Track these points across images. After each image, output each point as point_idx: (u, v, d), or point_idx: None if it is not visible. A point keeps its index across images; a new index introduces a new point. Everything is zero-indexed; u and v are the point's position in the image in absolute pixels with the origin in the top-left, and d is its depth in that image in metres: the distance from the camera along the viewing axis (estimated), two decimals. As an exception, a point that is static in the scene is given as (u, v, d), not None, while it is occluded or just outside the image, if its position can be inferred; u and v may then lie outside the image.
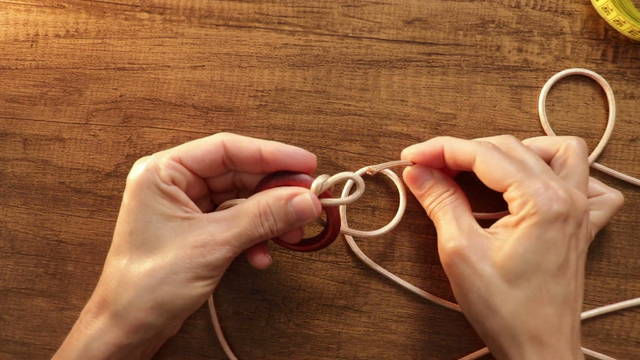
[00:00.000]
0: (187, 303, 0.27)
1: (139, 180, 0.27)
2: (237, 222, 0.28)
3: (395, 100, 0.35)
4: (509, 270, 0.27)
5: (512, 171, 0.28)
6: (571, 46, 0.35)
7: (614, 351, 0.34)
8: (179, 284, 0.27)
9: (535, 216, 0.26)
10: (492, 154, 0.28)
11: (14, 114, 0.37)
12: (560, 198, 0.27)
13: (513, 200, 0.28)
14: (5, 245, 0.37)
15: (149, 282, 0.26)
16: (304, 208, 0.28)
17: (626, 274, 0.34)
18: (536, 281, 0.27)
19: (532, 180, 0.27)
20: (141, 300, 0.26)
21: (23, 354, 0.36)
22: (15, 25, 0.37)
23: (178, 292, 0.27)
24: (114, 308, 0.27)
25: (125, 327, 0.27)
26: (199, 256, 0.27)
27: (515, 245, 0.27)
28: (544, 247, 0.27)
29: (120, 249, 0.28)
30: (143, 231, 0.27)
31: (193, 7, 0.36)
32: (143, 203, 0.27)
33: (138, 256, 0.27)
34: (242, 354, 0.35)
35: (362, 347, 0.35)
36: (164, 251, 0.27)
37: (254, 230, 0.28)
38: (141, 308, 0.26)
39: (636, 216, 0.34)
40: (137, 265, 0.27)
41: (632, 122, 0.34)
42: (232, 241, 0.27)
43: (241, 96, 0.36)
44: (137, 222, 0.27)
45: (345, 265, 0.35)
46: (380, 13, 0.35)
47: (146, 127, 0.36)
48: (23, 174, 0.37)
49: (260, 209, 0.28)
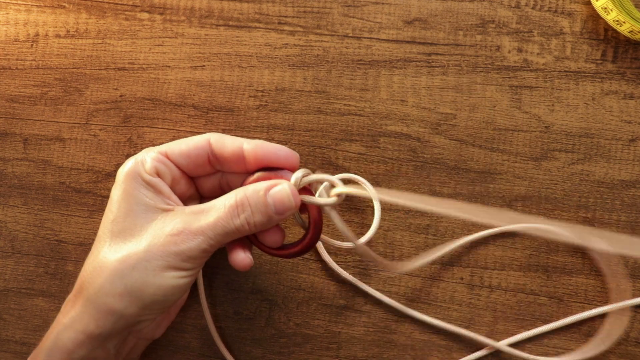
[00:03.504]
0: (158, 292, 0.27)
1: (126, 172, 0.28)
2: (213, 212, 0.27)
3: (395, 100, 0.35)
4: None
5: None
6: (571, 46, 0.35)
7: (614, 351, 0.34)
8: (150, 271, 0.26)
9: None
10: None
11: (14, 114, 0.37)
12: None
13: None
14: (6, 245, 0.37)
15: (120, 267, 0.26)
16: (282, 198, 0.27)
17: (626, 274, 0.34)
18: None
19: None
20: (111, 285, 0.26)
21: (23, 354, 0.36)
22: (16, 25, 0.37)
23: (148, 280, 0.26)
24: (86, 294, 0.27)
25: (95, 314, 0.26)
26: (171, 244, 0.26)
27: None
28: None
29: (101, 236, 0.28)
30: (123, 219, 0.27)
31: (193, 7, 0.36)
32: (126, 192, 0.28)
33: (115, 243, 0.27)
34: (242, 354, 0.35)
35: (362, 347, 0.35)
36: (140, 239, 0.27)
37: (229, 222, 0.27)
38: (110, 293, 0.26)
39: (636, 216, 0.34)
40: (113, 251, 0.27)
41: (632, 122, 0.34)
42: (207, 231, 0.27)
43: (241, 96, 0.36)
44: (119, 210, 0.27)
45: (345, 265, 0.35)
46: (380, 13, 0.35)
47: (146, 127, 0.36)
48: (23, 174, 0.37)
49: (237, 199, 0.27)
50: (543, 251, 0.34)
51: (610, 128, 0.34)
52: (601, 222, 0.34)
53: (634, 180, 0.34)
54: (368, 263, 0.34)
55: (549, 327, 0.34)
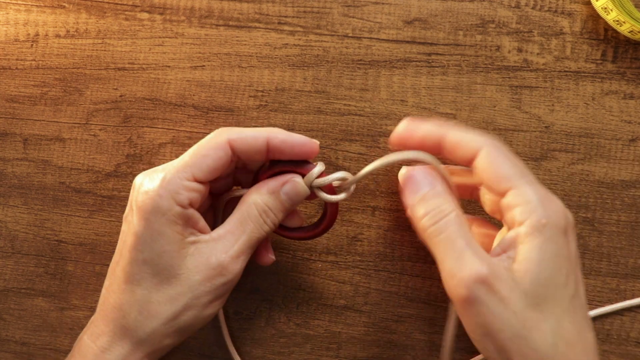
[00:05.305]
0: (206, 321, 0.28)
1: (153, 206, 0.26)
2: (244, 229, 0.28)
3: (395, 100, 0.35)
4: (540, 299, 0.23)
5: (514, 174, 0.25)
6: (571, 46, 0.35)
7: (614, 351, 0.34)
8: (201, 307, 0.27)
9: (548, 229, 0.23)
10: (498, 150, 0.25)
11: (14, 114, 0.37)
12: (562, 209, 0.25)
13: (515, 207, 0.24)
14: (6, 245, 0.37)
15: (172, 310, 0.27)
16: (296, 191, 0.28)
17: (626, 274, 0.34)
18: (565, 305, 0.23)
19: (535, 186, 0.25)
20: (165, 328, 0.27)
21: (23, 354, 0.36)
22: (16, 25, 0.37)
23: (200, 315, 0.27)
24: (136, 336, 0.27)
25: (148, 351, 0.27)
26: (217, 276, 0.27)
27: (541, 267, 0.23)
28: (563, 265, 0.24)
29: (134, 277, 0.27)
30: (158, 261, 0.27)
31: (193, 7, 0.36)
32: (157, 232, 0.26)
33: (155, 285, 0.27)
34: (242, 354, 0.35)
35: (362, 347, 0.35)
36: (181, 278, 0.27)
37: (260, 231, 0.28)
38: (165, 335, 0.27)
39: (636, 216, 0.34)
40: (157, 294, 0.27)
41: (632, 122, 0.34)
42: (245, 250, 0.28)
43: (241, 96, 0.36)
44: (152, 252, 0.27)
45: (345, 265, 0.35)
46: (380, 13, 0.35)
47: (146, 127, 0.36)
48: (23, 174, 0.37)
49: (259, 209, 0.28)
50: (543, 251, 0.34)
51: (610, 128, 0.34)
52: (601, 222, 0.34)
53: (634, 180, 0.34)
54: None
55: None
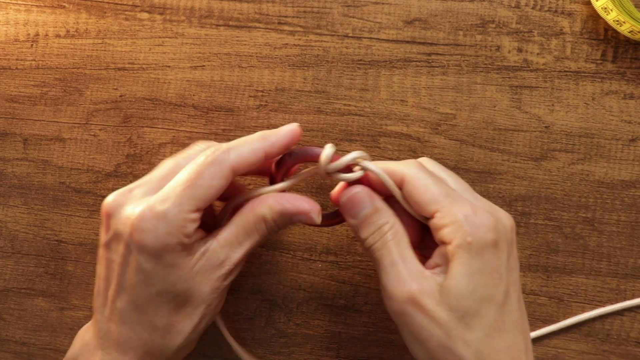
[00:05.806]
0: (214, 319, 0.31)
1: (163, 245, 0.26)
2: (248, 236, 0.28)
3: (395, 100, 0.35)
4: (465, 312, 0.25)
5: (438, 195, 0.26)
6: (571, 46, 0.35)
7: (614, 351, 0.34)
8: (213, 311, 0.29)
9: (473, 246, 0.25)
10: (419, 174, 0.27)
11: (14, 114, 0.37)
12: (490, 223, 0.25)
13: (442, 228, 0.26)
14: (6, 245, 0.37)
15: (191, 324, 0.28)
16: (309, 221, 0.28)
17: (626, 274, 0.34)
18: (491, 316, 0.25)
19: (460, 204, 0.26)
20: (187, 341, 0.28)
21: (23, 354, 0.36)
22: (16, 25, 0.37)
23: (212, 318, 0.29)
24: (164, 356, 0.28)
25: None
26: (223, 281, 0.28)
27: (465, 282, 0.25)
28: (490, 279, 0.25)
29: (148, 309, 0.27)
30: (173, 289, 0.27)
31: (193, 7, 0.36)
32: (169, 265, 0.26)
33: (173, 309, 0.27)
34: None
35: (362, 347, 0.35)
36: (195, 294, 0.27)
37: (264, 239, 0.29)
38: (186, 346, 0.29)
39: (636, 216, 0.34)
40: (176, 316, 0.28)
41: (632, 122, 0.34)
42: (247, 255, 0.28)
43: (241, 96, 0.36)
44: (165, 283, 0.27)
45: (345, 265, 0.35)
46: (380, 13, 0.35)
47: (146, 127, 0.36)
48: (23, 174, 0.37)
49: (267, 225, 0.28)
50: (543, 251, 0.34)
51: (610, 128, 0.34)
52: (601, 222, 0.34)
53: (634, 180, 0.34)
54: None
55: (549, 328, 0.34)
